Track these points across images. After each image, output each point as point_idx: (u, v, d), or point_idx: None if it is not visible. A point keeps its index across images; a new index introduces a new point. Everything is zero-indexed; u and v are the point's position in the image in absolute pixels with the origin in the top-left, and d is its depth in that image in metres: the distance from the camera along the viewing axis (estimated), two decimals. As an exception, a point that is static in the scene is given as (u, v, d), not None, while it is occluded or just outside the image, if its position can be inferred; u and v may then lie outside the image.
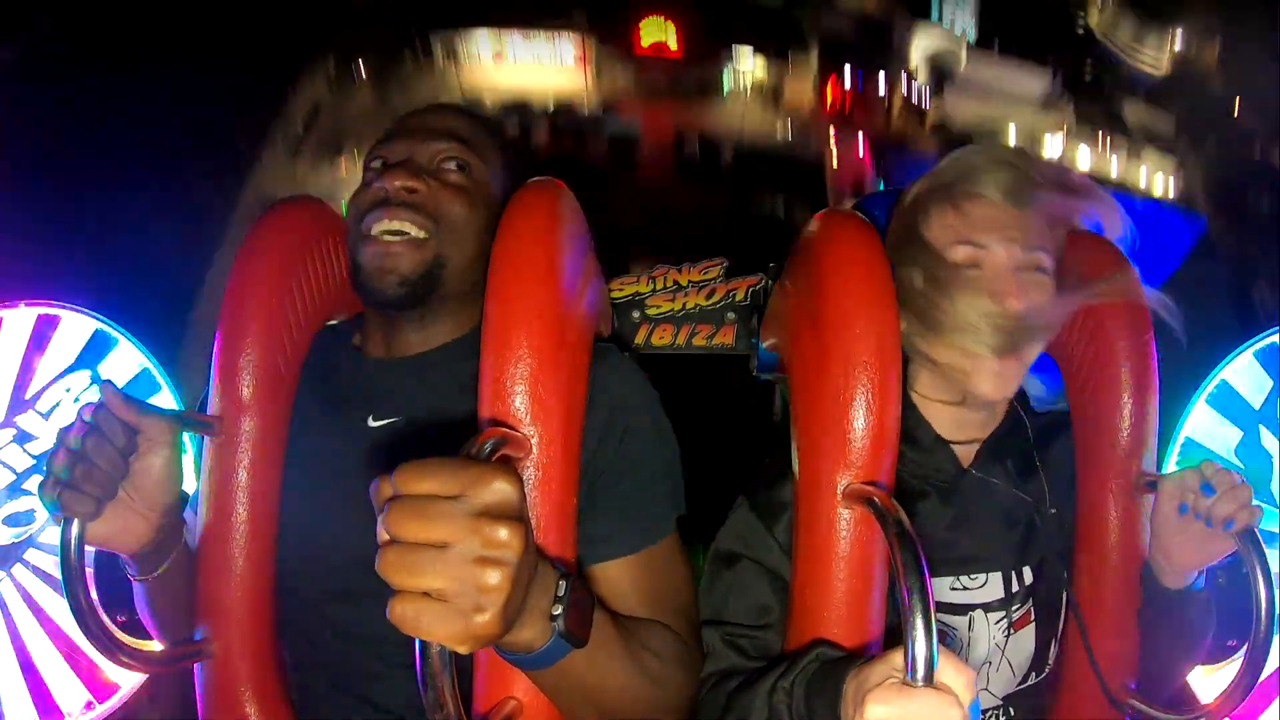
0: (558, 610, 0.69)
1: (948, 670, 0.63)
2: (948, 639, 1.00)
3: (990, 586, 1.03)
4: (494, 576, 0.55)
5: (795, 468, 0.96)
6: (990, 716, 1.04)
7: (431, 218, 1.01)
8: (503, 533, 0.56)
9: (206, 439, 1.02)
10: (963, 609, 1.02)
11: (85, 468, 0.85)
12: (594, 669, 0.78)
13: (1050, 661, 1.06)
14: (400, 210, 1.00)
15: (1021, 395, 1.14)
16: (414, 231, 1.00)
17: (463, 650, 0.57)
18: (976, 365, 0.96)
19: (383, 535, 0.56)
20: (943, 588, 1.02)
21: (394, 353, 1.07)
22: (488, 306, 0.89)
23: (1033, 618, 1.05)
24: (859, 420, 0.88)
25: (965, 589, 1.02)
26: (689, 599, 1.00)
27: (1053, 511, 1.07)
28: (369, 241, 1.00)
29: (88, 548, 0.88)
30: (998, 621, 1.03)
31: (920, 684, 0.62)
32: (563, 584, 0.70)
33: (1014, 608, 1.04)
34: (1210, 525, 0.93)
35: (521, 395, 0.86)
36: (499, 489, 0.57)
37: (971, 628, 1.02)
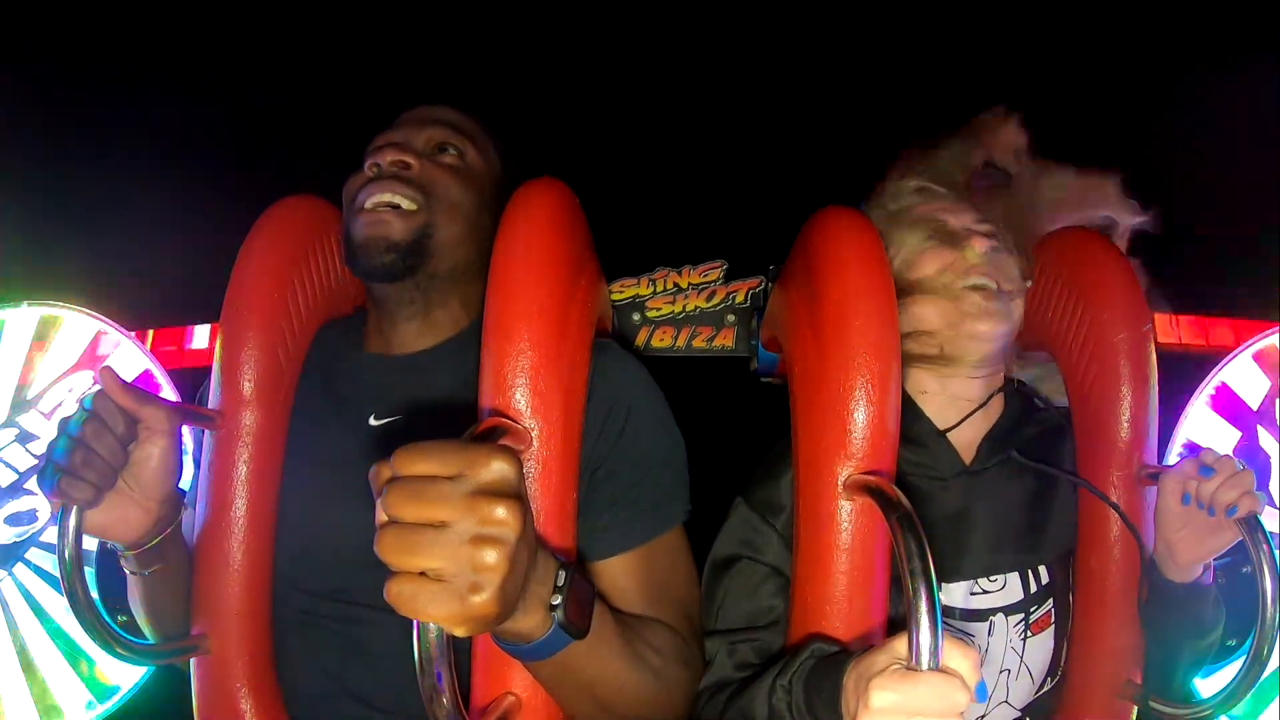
0: (557, 600, 0.68)
1: (952, 653, 0.62)
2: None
3: (1009, 588, 1.02)
4: (491, 555, 0.55)
5: (795, 462, 0.96)
6: None
7: (422, 191, 1.02)
8: (500, 511, 0.55)
9: (207, 433, 1.02)
10: (983, 614, 1.01)
11: (85, 454, 0.84)
12: (593, 662, 0.78)
13: (1064, 663, 1.05)
14: (392, 183, 1.01)
15: (1026, 396, 1.14)
16: (404, 204, 1.01)
17: (460, 633, 0.57)
18: (964, 308, 1.01)
19: (381, 516, 0.56)
20: (962, 593, 1.01)
21: (394, 349, 1.07)
22: (489, 300, 0.90)
23: (1053, 619, 1.04)
24: (859, 412, 0.88)
25: (985, 592, 1.01)
26: (691, 596, 1.00)
27: (1061, 506, 1.06)
28: (360, 215, 1.01)
29: (87, 542, 0.88)
30: (1016, 625, 1.02)
31: (925, 669, 0.61)
32: (562, 574, 0.70)
33: (1033, 609, 1.03)
34: (1213, 513, 0.93)
35: (522, 388, 0.86)
36: (497, 469, 0.57)
37: (991, 633, 1.01)
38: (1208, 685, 1.50)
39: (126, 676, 1.66)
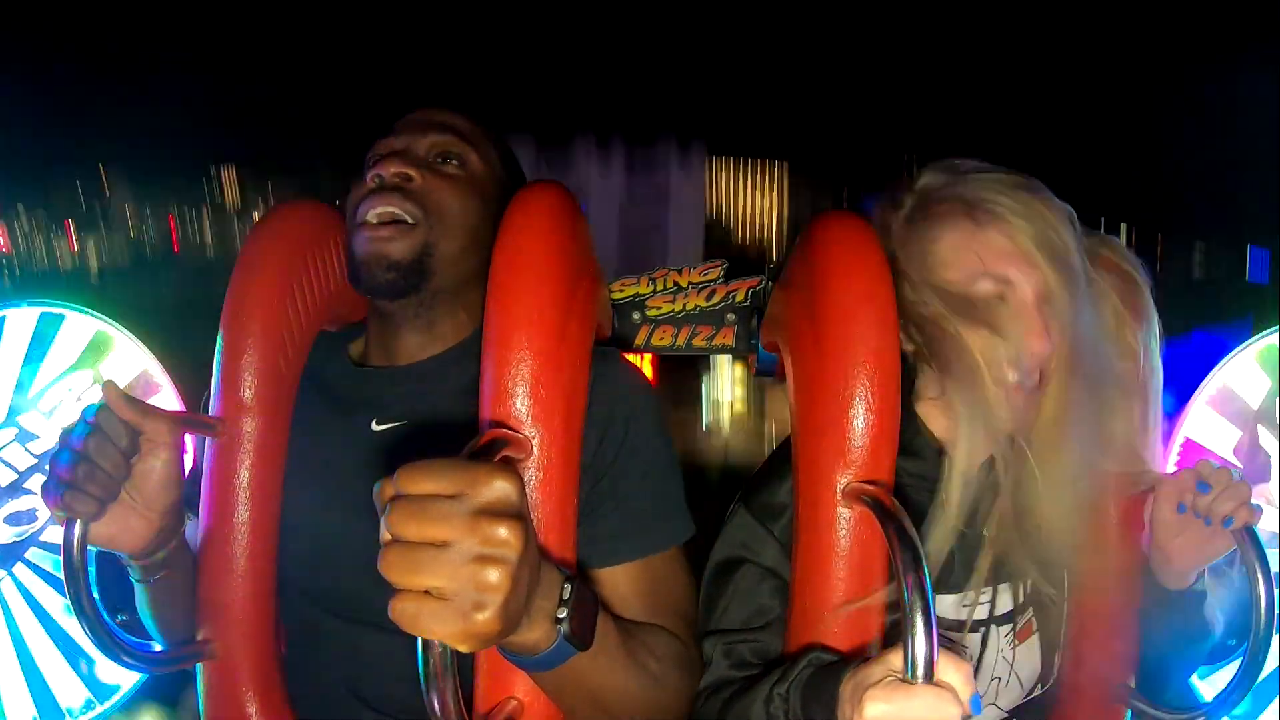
0: (562, 613, 0.69)
1: (946, 667, 0.63)
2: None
3: (1003, 599, 1.02)
4: (493, 574, 0.56)
5: (795, 467, 0.96)
6: None
7: (422, 205, 1.01)
8: (502, 531, 0.56)
9: (208, 440, 1.02)
10: (977, 625, 1.00)
11: (88, 468, 0.85)
12: (596, 671, 0.79)
13: (1056, 670, 1.05)
14: (393, 195, 1.00)
15: None
16: (405, 217, 1.00)
17: (464, 649, 0.57)
18: (995, 398, 0.92)
19: (385, 535, 0.56)
20: (957, 604, 1.00)
21: (396, 359, 1.07)
22: (489, 307, 0.90)
23: (1035, 628, 1.04)
24: (859, 419, 0.88)
25: (982, 603, 1.01)
26: (690, 603, 1.00)
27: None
28: (362, 229, 1.01)
29: (89, 548, 0.89)
30: (1006, 635, 1.02)
31: (920, 682, 0.62)
32: (567, 587, 0.70)
33: (1019, 618, 1.03)
34: (1209, 523, 0.93)
35: (522, 396, 0.87)
36: (499, 488, 0.57)
37: (984, 643, 1.01)
38: (1205, 688, 1.51)
39: (126, 676, 1.67)
